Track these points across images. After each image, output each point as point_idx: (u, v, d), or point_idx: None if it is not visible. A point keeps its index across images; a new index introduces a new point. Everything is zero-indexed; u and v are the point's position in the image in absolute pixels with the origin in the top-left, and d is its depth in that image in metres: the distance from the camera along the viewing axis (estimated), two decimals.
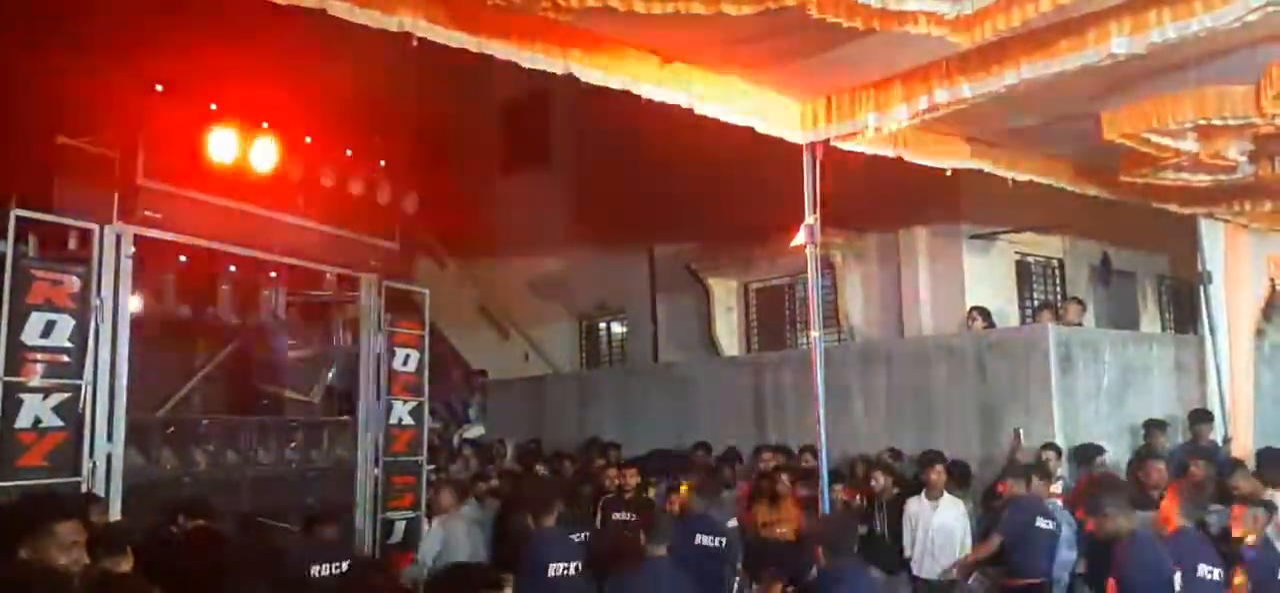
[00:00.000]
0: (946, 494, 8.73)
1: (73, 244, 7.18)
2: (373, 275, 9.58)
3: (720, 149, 8.80)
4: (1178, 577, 5.06)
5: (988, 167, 8.66)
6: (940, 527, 8.55)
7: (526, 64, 6.05)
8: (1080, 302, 11.94)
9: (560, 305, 17.26)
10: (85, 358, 7.07)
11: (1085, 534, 6.99)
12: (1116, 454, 9.92)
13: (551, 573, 6.68)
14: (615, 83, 6.42)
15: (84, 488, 6.85)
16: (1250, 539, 6.42)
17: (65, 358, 6.98)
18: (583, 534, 8.07)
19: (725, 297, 14.77)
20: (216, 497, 7.45)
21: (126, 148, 7.45)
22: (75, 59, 7.14)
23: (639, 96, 6.63)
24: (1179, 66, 6.67)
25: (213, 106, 7.75)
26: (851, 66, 6.76)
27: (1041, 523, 7.85)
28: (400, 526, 9.52)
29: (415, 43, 5.59)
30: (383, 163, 9.26)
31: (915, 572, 8.65)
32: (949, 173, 8.45)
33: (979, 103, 6.74)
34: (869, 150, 7.80)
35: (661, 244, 15.44)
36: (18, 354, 6.72)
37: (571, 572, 6.80)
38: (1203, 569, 5.52)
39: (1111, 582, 5.12)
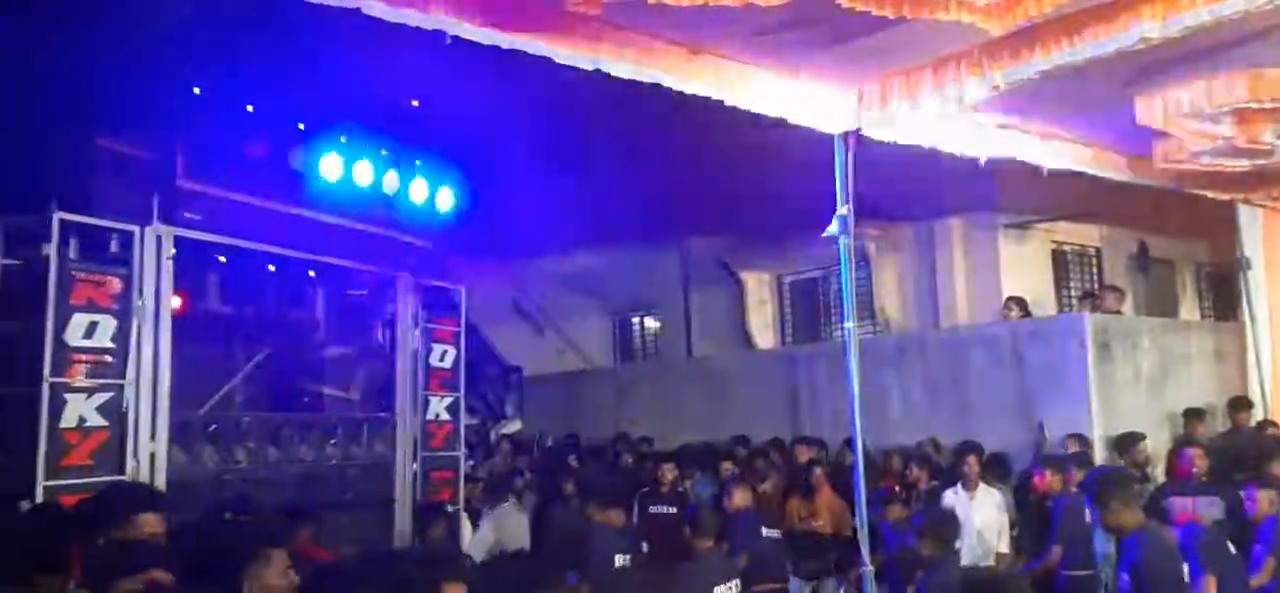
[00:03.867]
0: (983, 485, 8.71)
1: (114, 246, 7.29)
2: (409, 273, 9.68)
3: (752, 142, 8.81)
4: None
5: (1021, 155, 8.58)
6: (977, 518, 8.52)
7: (557, 59, 6.07)
8: (1118, 290, 11.85)
9: (594, 301, 17.33)
10: (128, 358, 7.19)
11: None
12: (1156, 443, 9.83)
13: (618, 563, 6.83)
14: (646, 76, 6.42)
15: None
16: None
17: (108, 358, 7.09)
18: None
19: (759, 290, 14.78)
20: (259, 493, 7.57)
21: (166, 150, 7.58)
22: (115, 62, 7.24)
23: (670, 90, 6.65)
24: (1213, 49, 6.60)
25: (250, 108, 7.87)
26: (882, 55, 6.74)
27: (1089, 515, 7.80)
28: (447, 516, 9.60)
29: (449, 40, 5.64)
30: (418, 162, 9.37)
31: None
32: (982, 162, 8.40)
33: (1011, 89, 6.70)
34: (901, 140, 7.77)
35: (694, 238, 15.45)
36: (62, 355, 6.82)
37: (628, 564, 6.99)
38: None
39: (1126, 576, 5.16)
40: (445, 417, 9.92)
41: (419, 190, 9.35)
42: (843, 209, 7.43)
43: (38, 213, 6.80)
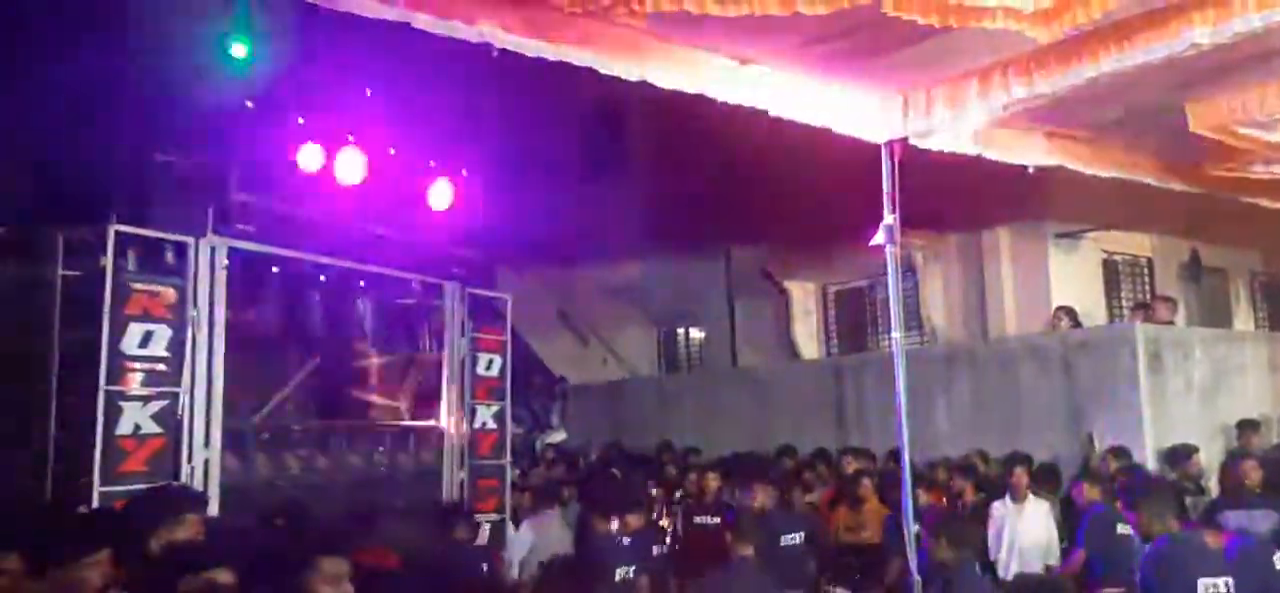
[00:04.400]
0: (1032, 497, 8.60)
1: (169, 257, 7.45)
2: (456, 283, 9.78)
3: (797, 152, 8.80)
4: None
5: (1069, 163, 8.49)
6: (1026, 530, 8.43)
7: (603, 70, 6.11)
8: (1170, 299, 11.67)
9: (638, 311, 17.36)
10: (182, 367, 7.34)
11: None
12: (1209, 455, 9.67)
13: (618, 576, 6.80)
14: (690, 87, 6.44)
15: None
16: None
17: (163, 367, 7.24)
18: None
19: (804, 300, 14.74)
20: (309, 501, 7.67)
21: (220, 163, 7.73)
22: (170, 78, 7.42)
23: (714, 100, 6.67)
24: (1266, 56, 6.50)
25: (301, 121, 8.00)
26: (928, 64, 6.70)
27: (1122, 529, 7.68)
28: (485, 528, 9.67)
29: (495, 53, 5.70)
30: (465, 172, 9.47)
31: (1001, 576, 8.53)
32: (1030, 170, 8.32)
33: (1059, 97, 6.64)
34: (947, 148, 7.72)
35: (738, 249, 15.45)
36: (118, 363, 6.99)
37: (631, 576, 6.93)
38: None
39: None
40: (492, 425, 10.00)
41: (467, 201, 9.45)
42: (889, 218, 7.40)
43: (95, 225, 6.97)
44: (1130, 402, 9.85)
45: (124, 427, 6.97)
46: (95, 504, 6.59)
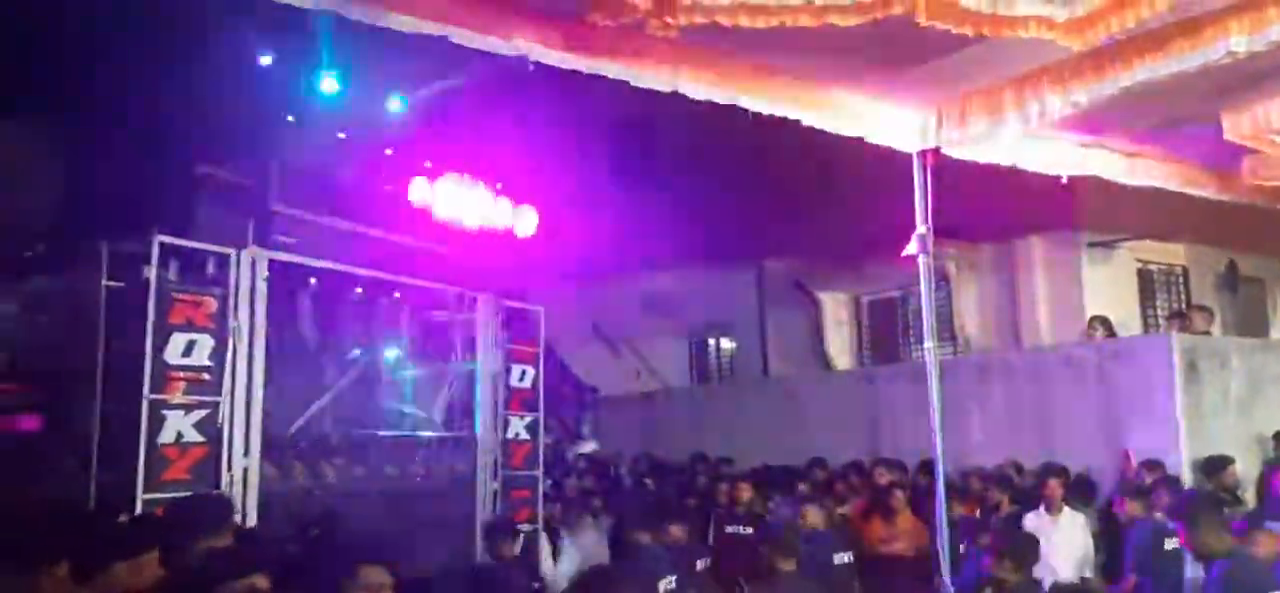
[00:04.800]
0: (1066, 508, 8.54)
1: (211, 268, 7.57)
2: (490, 294, 9.86)
3: (829, 162, 8.83)
4: None
5: (1104, 172, 8.47)
6: (1060, 542, 8.37)
7: (636, 82, 6.19)
8: (1206, 309, 11.56)
9: (670, 322, 17.39)
10: (223, 376, 7.45)
11: None
12: (1245, 466, 9.57)
13: (661, 590, 6.83)
14: (722, 98, 6.50)
15: None
16: None
17: (205, 376, 7.33)
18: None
19: (836, 310, 14.72)
20: (346, 510, 7.76)
21: (261, 177, 7.86)
22: (213, 93, 7.57)
23: (747, 111, 6.71)
24: None
25: (341, 136, 8.13)
26: (961, 74, 6.72)
27: (1169, 545, 7.61)
28: (520, 534, 9.73)
29: (531, 66, 5.79)
30: (499, 185, 9.57)
31: None
32: (1064, 179, 8.31)
33: (1093, 106, 6.64)
34: (981, 158, 7.73)
35: (770, 259, 15.46)
36: (161, 373, 7.08)
37: (674, 587, 6.95)
38: None
39: None
40: (524, 436, 10.05)
41: (501, 214, 9.55)
42: (921, 228, 7.41)
43: (139, 236, 7.11)
44: (1166, 412, 9.76)
45: (167, 435, 7.06)
46: (138, 511, 6.69)
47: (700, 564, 8.18)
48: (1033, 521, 8.53)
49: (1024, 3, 5.33)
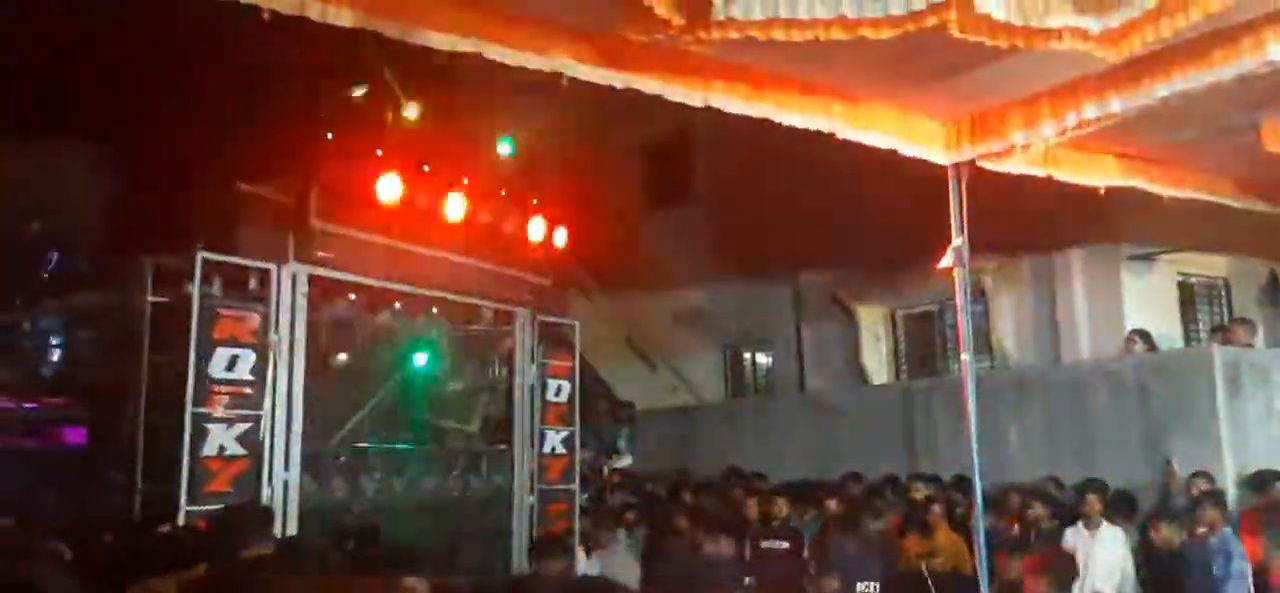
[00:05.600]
0: (1106, 524, 8.46)
1: (253, 283, 7.70)
2: (527, 309, 9.93)
3: (864, 175, 8.81)
4: None
5: (1143, 184, 8.39)
6: (1100, 557, 8.29)
7: (670, 97, 6.23)
8: (1249, 322, 11.41)
9: (706, 337, 17.38)
10: (265, 390, 7.57)
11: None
12: None
13: None
14: (756, 112, 6.52)
15: None
16: None
17: (247, 390, 7.48)
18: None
19: (872, 324, 14.65)
20: (384, 523, 7.85)
21: (301, 194, 7.98)
22: (254, 113, 7.70)
23: (780, 125, 6.73)
24: None
25: (379, 152, 8.23)
26: (995, 85, 6.69)
27: (1217, 570, 7.49)
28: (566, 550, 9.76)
29: (565, 82, 5.85)
30: (535, 201, 9.64)
31: None
32: (1102, 191, 8.24)
33: (1130, 117, 6.59)
34: (1017, 170, 7.68)
35: (806, 273, 15.42)
36: (205, 387, 7.23)
37: None
38: None
39: None
40: (561, 450, 10.12)
41: (537, 228, 9.61)
42: (957, 241, 7.38)
43: (183, 252, 7.24)
44: (1208, 427, 9.63)
45: (209, 448, 7.20)
46: (180, 523, 6.80)
47: (744, 580, 8.17)
48: (1072, 536, 8.46)
49: (1057, 14, 5.30)
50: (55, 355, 9.19)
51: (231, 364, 7.33)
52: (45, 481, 8.39)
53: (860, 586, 8.27)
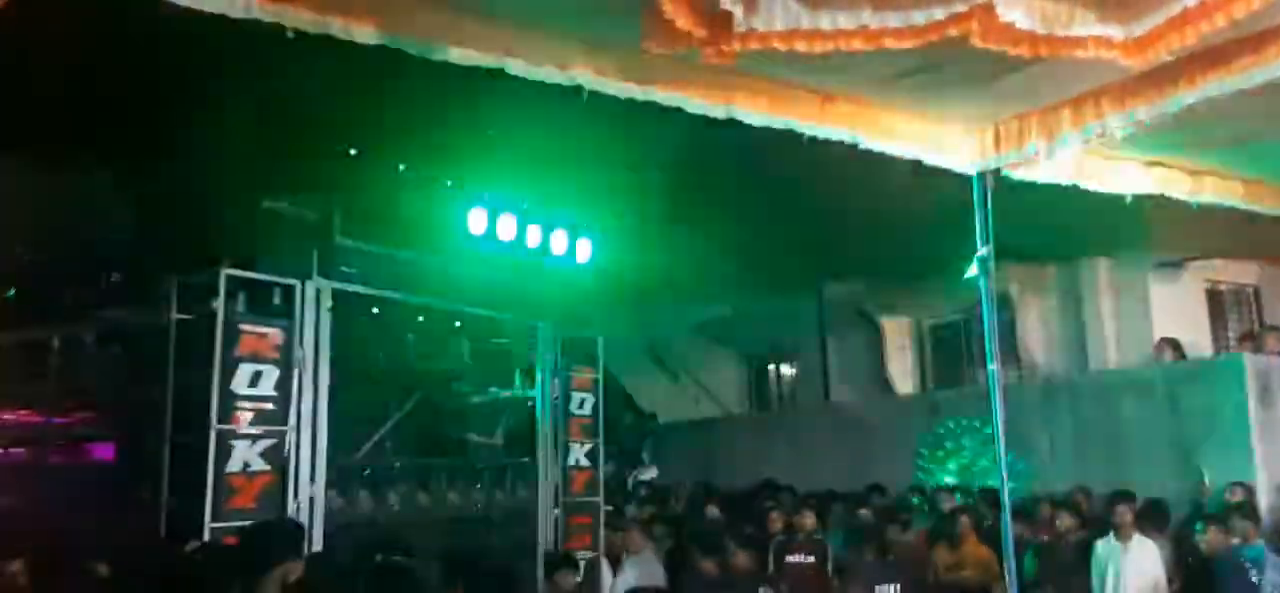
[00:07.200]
0: (1137, 535, 8.35)
1: (277, 300, 7.73)
2: (550, 323, 9.94)
3: (887, 186, 8.76)
4: None
5: (1169, 191, 8.29)
6: (1131, 570, 8.19)
7: (691, 110, 6.22)
8: (1279, 329, 11.27)
9: (730, 348, 17.35)
10: (289, 406, 7.59)
11: None
12: None
13: None
14: (778, 124, 6.49)
15: None
16: None
17: (271, 406, 7.49)
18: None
19: (898, 335, 14.58)
20: (410, 537, 7.84)
21: (324, 209, 8.02)
22: (277, 129, 7.74)
23: (802, 137, 6.70)
24: None
25: (401, 167, 8.27)
26: (1019, 94, 6.65)
27: (1254, 576, 7.40)
28: (579, 566, 9.74)
29: (585, 96, 5.85)
30: (559, 213, 9.65)
31: None
32: (1128, 199, 8.16)
33: (1156, 124, 6.53)
34: (1041, 178, 7.62)
35: (830, 284, 15.36)
36: (228, 403, 7.25)
37: None
38: None
39: None
40: (585, 463, 10.11)
41: (559, 242, 9.63)
42: (982, 250, 7.33)
43: (207, 269, 7.28)
44: (1239, 436, 9.53)
45: (234, 464, 7.22)
46: (206, 540, 6.82)
47: None
48: (1103, 548, 8.37)
49: (1081, 23, 5.26)
50: (83, 372, 9.26)
51: (255, 380, 7.35)
52: (74, 496, 8.46)
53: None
